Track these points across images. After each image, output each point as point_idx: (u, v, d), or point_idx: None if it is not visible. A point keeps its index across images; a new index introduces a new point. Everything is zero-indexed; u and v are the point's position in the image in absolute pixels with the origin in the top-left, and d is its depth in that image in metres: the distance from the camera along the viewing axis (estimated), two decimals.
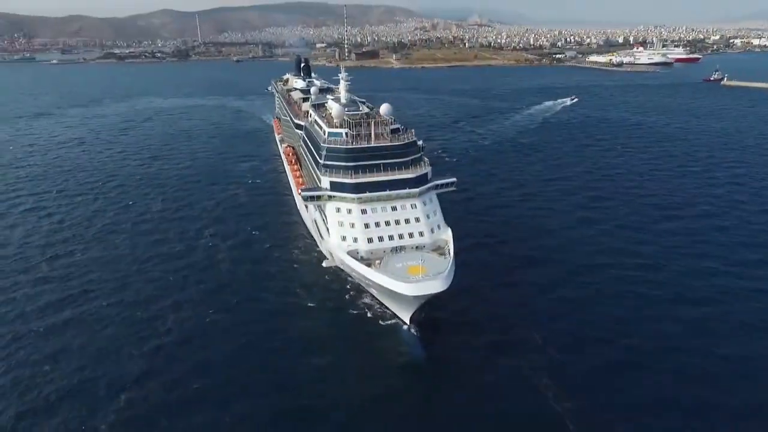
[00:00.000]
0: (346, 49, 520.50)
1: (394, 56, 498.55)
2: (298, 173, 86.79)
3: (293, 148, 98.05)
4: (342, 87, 79.21)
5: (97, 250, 73.54)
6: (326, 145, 63.43)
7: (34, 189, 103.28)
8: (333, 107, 72.62)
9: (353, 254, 56.32)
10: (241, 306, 57.74)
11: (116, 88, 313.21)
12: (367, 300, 57.40)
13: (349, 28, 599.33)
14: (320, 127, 70.42)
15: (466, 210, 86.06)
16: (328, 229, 61.00)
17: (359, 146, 62.63)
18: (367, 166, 61.32)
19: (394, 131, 66.17)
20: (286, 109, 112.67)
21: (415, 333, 51.44)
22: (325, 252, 64.83)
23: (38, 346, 50.96)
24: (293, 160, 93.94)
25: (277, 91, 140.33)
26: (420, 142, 68.13)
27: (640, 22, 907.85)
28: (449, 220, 62.76)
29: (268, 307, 57.49)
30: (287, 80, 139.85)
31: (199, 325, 54.15)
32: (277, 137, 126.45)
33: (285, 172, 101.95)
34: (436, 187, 64.68)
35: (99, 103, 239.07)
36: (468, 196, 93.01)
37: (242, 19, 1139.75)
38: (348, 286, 59.96)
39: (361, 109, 73.42)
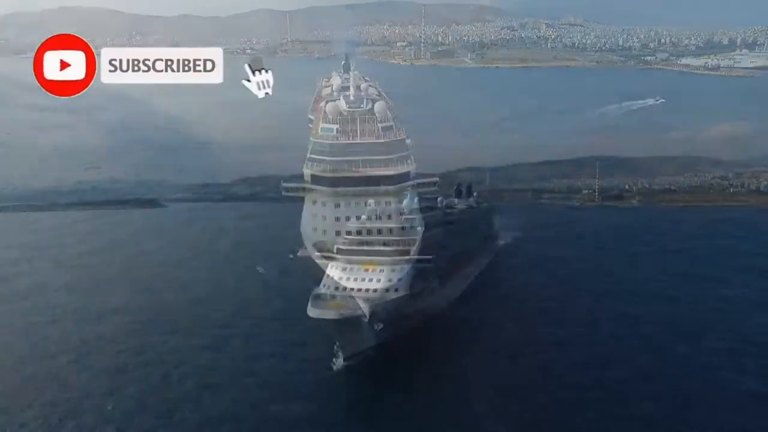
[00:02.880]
0: (422, 48, 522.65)
1: (469, 55, 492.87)
2: None
3: None
4: (351, 83, 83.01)
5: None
6: (314, 140, 68.95)
7: None
8: (331, 104, 76.42)
9: (320, 246, 61.16)
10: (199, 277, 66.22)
11: None
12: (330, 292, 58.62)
13: (434, 26, 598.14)
14: (318, 122, 75.88)
15: None
16: (303, 221, 66.46)
17: (342, 142, 66.77)
18: (347, 162, 64.94)
19: (385, 129, 69.11)
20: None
21: (375, 330, 52.07)
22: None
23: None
24: None
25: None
26: (408, 141, 71.07)
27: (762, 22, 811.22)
28: None
29: (227, 285, 64.60)
30: (330, 78, 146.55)
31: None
32: None
33: None
34: (418, 185, 66.76)
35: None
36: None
37: (333, 18, 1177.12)
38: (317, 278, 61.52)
39: (363, 106, 74.63)
